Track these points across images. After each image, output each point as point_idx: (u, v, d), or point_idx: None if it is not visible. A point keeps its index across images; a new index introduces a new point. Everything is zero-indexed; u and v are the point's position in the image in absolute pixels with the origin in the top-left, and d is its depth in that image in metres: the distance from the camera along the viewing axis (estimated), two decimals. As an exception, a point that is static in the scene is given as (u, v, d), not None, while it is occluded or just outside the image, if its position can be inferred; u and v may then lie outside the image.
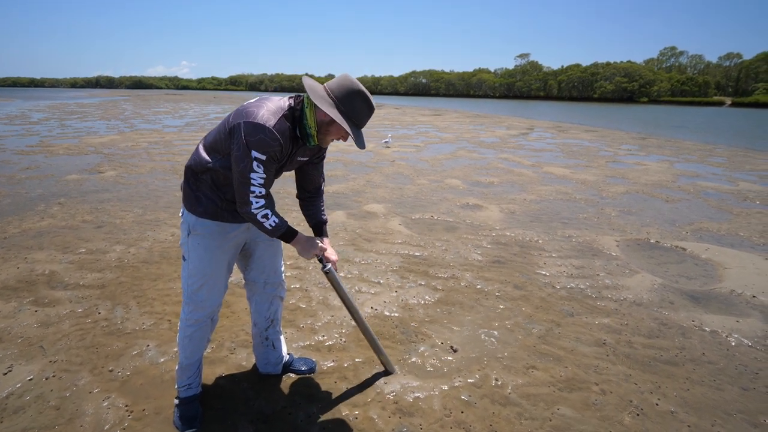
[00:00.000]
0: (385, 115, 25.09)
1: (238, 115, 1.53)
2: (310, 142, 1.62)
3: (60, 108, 25.89)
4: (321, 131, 1.60)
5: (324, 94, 1.53)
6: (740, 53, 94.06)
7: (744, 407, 2.00)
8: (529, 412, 1.92)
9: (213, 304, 1.77)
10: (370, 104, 1.57)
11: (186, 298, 1.75)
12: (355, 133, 1.55)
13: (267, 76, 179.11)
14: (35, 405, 1.88)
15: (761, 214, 5.48)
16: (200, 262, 1.70)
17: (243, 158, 1.48)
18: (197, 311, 1.75)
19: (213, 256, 1.71)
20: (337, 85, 1.54)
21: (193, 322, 1.76)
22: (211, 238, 1.69)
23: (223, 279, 1.78)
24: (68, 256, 3.51)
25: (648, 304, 2.98)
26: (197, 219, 1.68)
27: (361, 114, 1.56)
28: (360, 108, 1.55)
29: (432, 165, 8.49)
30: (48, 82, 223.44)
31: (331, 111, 1.50)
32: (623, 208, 5.57)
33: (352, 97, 1.53)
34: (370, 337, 2.05)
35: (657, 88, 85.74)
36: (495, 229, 4.53)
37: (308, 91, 1.51)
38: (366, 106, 1.56)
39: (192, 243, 1.70)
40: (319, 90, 1.53)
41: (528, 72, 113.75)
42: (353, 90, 1.53)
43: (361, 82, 1.56)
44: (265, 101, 1.56)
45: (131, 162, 7.98)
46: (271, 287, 1.94)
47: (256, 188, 1.52)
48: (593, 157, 10.10)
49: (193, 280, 1.72)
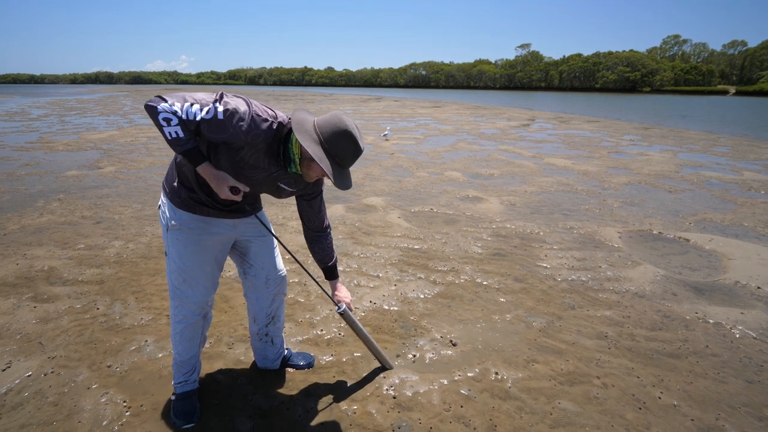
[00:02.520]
0: (384, 108, 24.94)
1: None
2: (292, 168, 1.55)
3: (60, 104, 25.84)
4: (303, 164, 1.53)
5: (311, 128, 1.48)
6: (745, 41, 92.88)
7: (749, 400, 1.98)
8: (530, 406, 1.90)
9: (198, 301, 1.72)
10: (356, 145, 1.49)
11: (171, 293, 1.73)
12: (337, 173, 1.47)
13: (266, 70, 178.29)
14: (33, 401, 1.88)
15: (766, 204, 5.42)
16: (180, 258, 1.66)
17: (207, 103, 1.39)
18: (183, 307, 1.72)
19: (193, 251, 1.66)
20: (325, 122, 1.49)
21: (181, 318, 1.74)
22: (190, 232, 1.65)
23: (206, 275, 1.72)
24: (67, 252, 3.50)
25: (651, 296, 2.95)
26: (175, 211, 1.64)
27: (346, 154, 1.49)
28: (344, 148, 1.47)
29: (432, 157, 8.44)
30: (48, 78, 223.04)
31: (311, 146, 1.42)
32: (625, 199, 5.52)
33: (338, 136, 1.46)
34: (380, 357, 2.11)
35: (660, 78, 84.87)
36: (495, 221, 4.49)
37: (294, 123, 1.44)
38: (352, 147, 1.49)
39: (171, 238, 1.67)
40: (306, 124, 1.47)
41: (529, 62, 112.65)
42: (340, 129, 1.46)
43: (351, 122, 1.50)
44: (263, 105, 1.53)
45: (130, 157, 7.95)
46: (274, 284, 1.91)
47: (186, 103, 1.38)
48: (595, 148, 10.01)
49: (175, 275, 1.69)
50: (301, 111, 1.52)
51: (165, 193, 1.69)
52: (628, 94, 75.71)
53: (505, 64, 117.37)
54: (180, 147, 1.42)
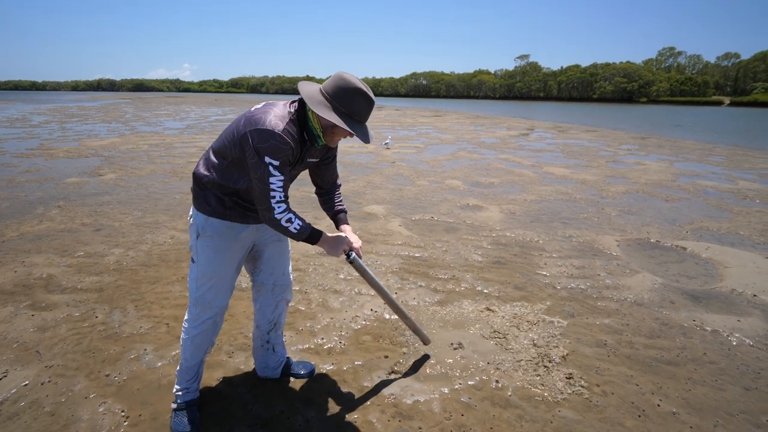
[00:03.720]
0: (385, 117, 25.10)
1: (247, 122, 1.53)
2: (318, 143, 1.64)
3: (61, 111, 25.93)
4: (326, 133, 1.61)
5: (321, 98, 1.53)
6: (738, 53, 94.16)
7: (746, 407, 1.98)
8: (530, 415, 1.90)
9: (220, 305, 1.77)
10: (368, 98, 1.56)
11: (193, 300, 1.75)
12: (358, 129, 1.55)
13: (268, 79, 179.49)
14: (30, 411, 1.87)
15: (761, 212, 5.46)
16: (209, 264, 1.70)
17: (258, 166, 1.49)
18: (204, 312, 1.74)
19: (222, 257, 1.71)
20: (332, 86, 1.54)
21: (200, 323, 1.75)
22: (221, 239, 1.69)
23: (230, 280, 1.77)
24: (66, 260, 3.49)
25: (649, 304, 2.96)
26: (206, 219, 1.68)
27: (361, 109, 1.55)
28: (359, 103, 1.54)
29: (432, 166, 8.48)
30: (50, 85, 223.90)
31: (330, 115, 1.50)
32: (623, 207, 5.55)
33: (349, 96, 1.52)
34: (404, 317, 2.08)
35: (656, 88, 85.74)
36: (495, 229, 4.51)
37: (305, 99, 1.51)
38: (365, 101, 1.55)
39: (201, 245, 1.70)
40: (315, 95, 1.53)
41: (528, 73, 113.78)
42: (349, 88, 1.52)
43: (355, 77, 1.55)
44: (272, 107, 1.56)
45: (131, 165, 7.97)
46: (280, 290, 1.93)
47: (276, 193, 1.52)
48: (593, 157, 10.08)
49: (202, 281, 1.72)
50: (305, 84, 1.59)
51: (194, 203, 1.73)
52: (625, 104, 76.40)
53: (504, 75, 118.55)
54: (304, 234, 1.62)
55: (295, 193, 5.83)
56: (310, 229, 1.63)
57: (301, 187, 6.02)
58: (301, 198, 5.63)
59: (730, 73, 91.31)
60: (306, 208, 5.10)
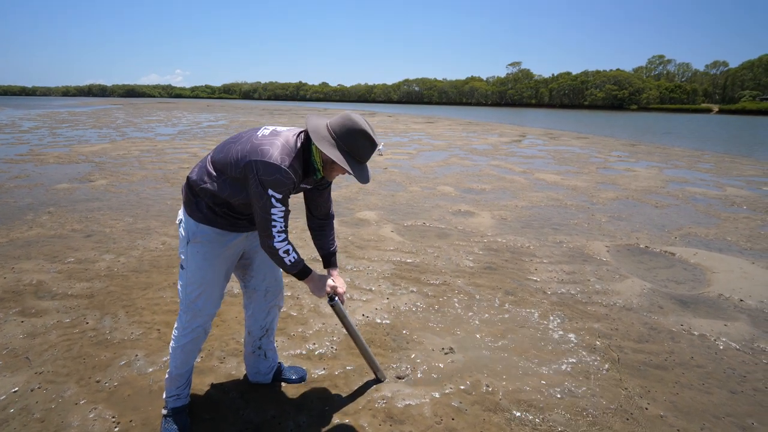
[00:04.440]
0: (378, 123, 25.21)
1: (253, 151, 1.54)
2: (317, 176, 1.68)
3: (51, 117, 25.71)
4: (326, 168, 1.66)
5: (326, 134, 1.59)
6: (726, 61, 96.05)
7: (732, 410, 2.02)
8: (520, 419, 1.92)
9: (210, 313, 1.77)
10: (372, 141, 1.61)
11: (184, 306, 1.75)
12: (357, 168, 1.60)
13: (260, 85, 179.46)
14: (19, 417, 1.85)
15: (748, 218, 5.57)
16: (198, 270, 1.71)
17: (261, 196, 1.53)
18: (195, 319, 1.75)
19: (211, 264, 1.72)
20: (338, 125, 1.59)
21: (190, 330, 1.75)
22: (211, 245, 1.71)
23: (220, 287, 1.78)
24: (56, 266, 3.46)
25: (638, 309, 3.01)
26: (197, 225, 1.69)
27: (363, 151, 1.61)
28: (362, 145, 1.60)
29: (424, 172, 8.54)
30: (40, 90, 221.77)
31: (332, 152, 1.55)
32: (613, 213, 5.63)
33: (353, 136, 1.57)
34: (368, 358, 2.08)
35: (646, 96, 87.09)
36: (487, 235, 4.55)
37: (311, 134, 1.56)
38: (368, 143, 1.61)
39: (191, 251, 1.71)
40: (321, 130, 1.59)
41: (520, 80, 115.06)
42: (354, 129, 1.57)
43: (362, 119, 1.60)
44: (278, 138, 1.58)
45: (122, 171, 7.93)
46: (272, 296, 1.95)
47: (277, 223, 1.57)
48: (584, 164, 10.21)
49: (192, 288, 1.72)
50: (312, 117, 1.63)
51: (185, 208, 1.74)
52: (616, 111, 77.42)
53: (496, 81, 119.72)
54: (297, 267, 1.67)
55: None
56: (302, 264, 1.69)
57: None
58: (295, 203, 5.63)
59: (719, 81, 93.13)
60: (297, 214, 5.10)
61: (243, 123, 22.72)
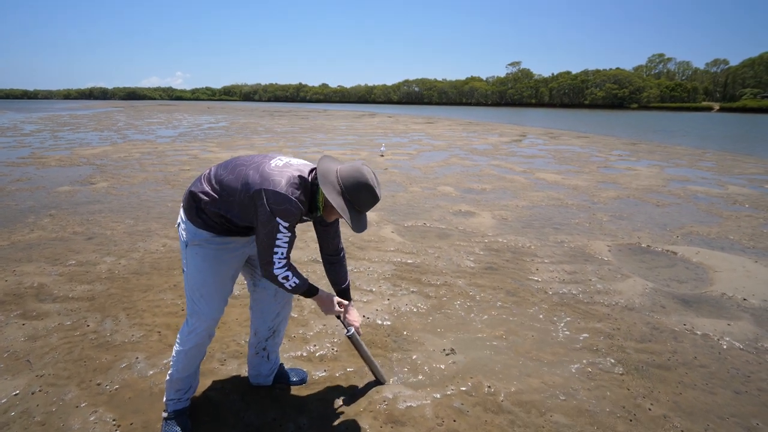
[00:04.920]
0: (378, 124, 25.22)
1: (264, 179, 1.56)
2: (318, 212, 1.72)
3: (53, 119, 25.79)
4: (326, 208, 1.70)
5: (334, 179, 1.63)
6: (727, 59, 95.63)
7: (736, 410, 2.00)
8: (522, 420, 1.91)
9: (213, 317, 1.76)
10: (375, 196, 1.66)
11: (189, 309, 1.75)
12: (356, 218, 1.64)
13: (261, 86, 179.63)
14: (20, 421, 1.85)
15: (750, 217, 5.54)
16: (198, 272, 1.71)
17: (269, 222, 1.55)
18: (199, 323, 1.74)
19: (211, 265, 1.71)
20: (347, 174, 1.63)
21: (195, 334, 1.75)
22: (209, 248, 1.71)
23: (222, 291, 1.77)
24: (57, 269, 3.47)
25: (640, 309, 2.99)
26: (196, 230, 1.70)
27: (365, 203, 1.65)
28: (364, 198, 1.64)
29: (425, 172, 8.53)
30: (41, 93, 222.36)
31: (335, 199, 1.59)
32: (615, 213, 5.61)
33: (358, 189, 1.62)
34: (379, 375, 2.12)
35: (647, 95, 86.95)
36: (487, 235, 4.54)
37: (319, 177, 1.60)
38: (371, 198, 1.65)
39: (190, 253, 1.71)
40: (330, 175, 1.63)
41: (520, 80, 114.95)
42: (361, 182, 1.62)
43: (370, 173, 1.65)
44: (289, 169, 1.61)
45: (123, 173, 7.94)
46: (282, 296, 1.95)
47: (280, 250, 1.59)
48: (585, 163, 10.19)
49: (193, 291, 1.72)
50: (325, 160, 1.68)
51: (185, 213, 1.74)
52: (617, 110, 77.33)
53: (496, 81, 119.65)
54: (300, 290, 1.70)
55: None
56: (306, 286, 1.72)
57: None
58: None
59: (719, 79, 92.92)
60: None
61: (243, 125, 22.75)
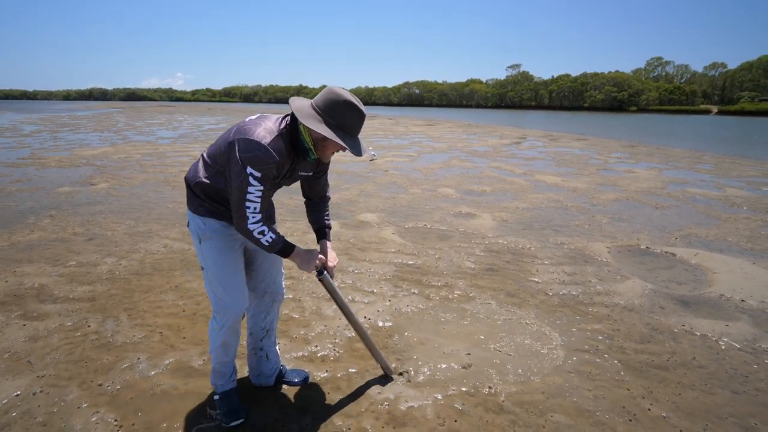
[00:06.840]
0: (378, 126, 25.26)
1: (237, 131, 1.56)
2: (310, 156, 1.65)
3: (52, 120, 25.77)
4: (318, 147, 1.62)
5: (312, 111, 1.55)
6: (725, 63, 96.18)
7: (735, 410, 2.02)
8: (523, 420, 1.92)
9: (238, 309, 1.76)
10: (359, 111, 1.57)
11: (215, 307, 1.76)
12: (350, 141, 1.56)
13: (261, 88, 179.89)
14: (21, 421, 1.85)
15: (748, 219, 5.57)
16: (216, 264, 1.71)
17: (239, 174, 1.50)
18: (227, 317, 1.75)
19: (227, 257, 1.72)
20: (323, 100, 1.56)
21: (226, 329, 1.76)
22: (221, 239, 1.71)
23: (241, 282, 1.77)
24: (58, 269, 3.47)
25: (639, 310, 3.01)
26: (204, 221, 1.70)
27: (353, 122, 1.57)
28: (350, 116, 1.56)
29: (425, 174, 8.55)
30: (41, 94, 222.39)
31: (320, 127, 1.51)
32: (614, 214, 5.63)
33: (339, 109, 1.54)
34: (368, 342, 2.06)
35: (645, 98, 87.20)
36: (488, 237, 4.55)
37: (296, 113, 1.53)
38: (356, 114, 1.56)
39: (205, 248, 1.72)
40: (306, 109, 1.55)
41: (519, 82, 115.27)
42: (339, 101, 1.53)
43: (350, 91, 1.58)
44: (264, 119, 1.58)
45: (124, 174, 7.94)
46: (270, 296, 1.95)
47: (251, 203, 1.53)
48: (584, 165, 10.22)
49: (215, 284, 1.72)
50: (296, 99, 1.60)
51: (189, 206, 1.75)
52: (616, 113, 77.48)
53: (496, 84, 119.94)
54: (276, 247, 1.63)
55: (288, 202, 5.85)
56: (282, 242, 1.65)
57: (294, 196, 6.03)
58: (294, 207, 5.64)
59: (718, 82, 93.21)
60: (298, 217, 5.11)
61: (243, 126, 22.70)
